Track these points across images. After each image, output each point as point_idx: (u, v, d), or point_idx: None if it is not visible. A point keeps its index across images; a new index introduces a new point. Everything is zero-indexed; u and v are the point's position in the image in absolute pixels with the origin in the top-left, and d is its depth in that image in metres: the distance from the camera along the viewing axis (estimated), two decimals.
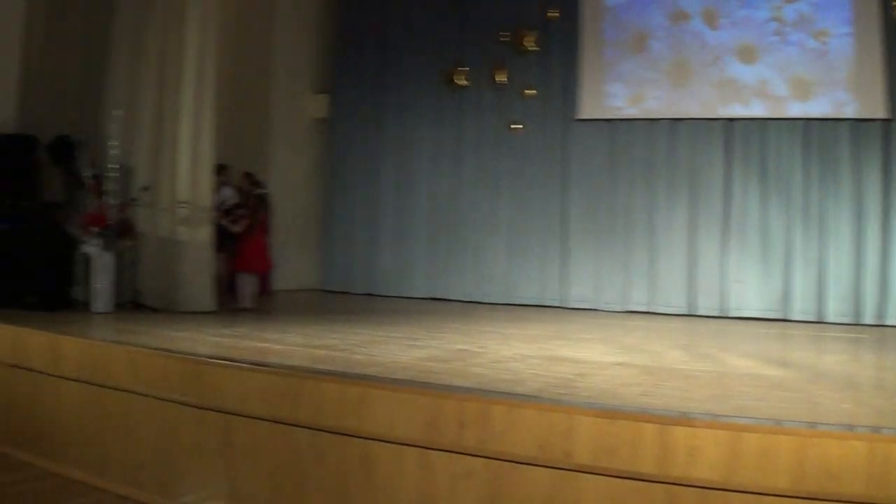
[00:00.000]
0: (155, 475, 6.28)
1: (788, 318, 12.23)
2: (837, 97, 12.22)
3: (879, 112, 11.94)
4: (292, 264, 14.82)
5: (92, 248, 9.66)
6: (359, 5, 15.76)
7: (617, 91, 13.45)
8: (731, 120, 12.79)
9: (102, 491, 6.46)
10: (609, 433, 4.51)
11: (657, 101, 13.20)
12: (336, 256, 15.63)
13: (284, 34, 15.49)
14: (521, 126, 14.07)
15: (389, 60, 15.38)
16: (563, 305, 13.68)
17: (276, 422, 5.62)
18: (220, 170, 11.81)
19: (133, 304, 10.35)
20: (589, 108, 13.65)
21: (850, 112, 12.15)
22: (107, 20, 11.25)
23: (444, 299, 14.50)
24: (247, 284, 11.46)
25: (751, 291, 12.53)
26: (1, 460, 7.12)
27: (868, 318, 11.94)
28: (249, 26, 15.25)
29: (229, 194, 11.85)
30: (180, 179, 10.32)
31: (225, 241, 11.33)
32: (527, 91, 13.87)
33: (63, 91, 11.48)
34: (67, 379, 6.94)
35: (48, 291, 9.72)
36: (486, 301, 14.15)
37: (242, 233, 11.39)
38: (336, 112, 15.83)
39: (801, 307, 12.28)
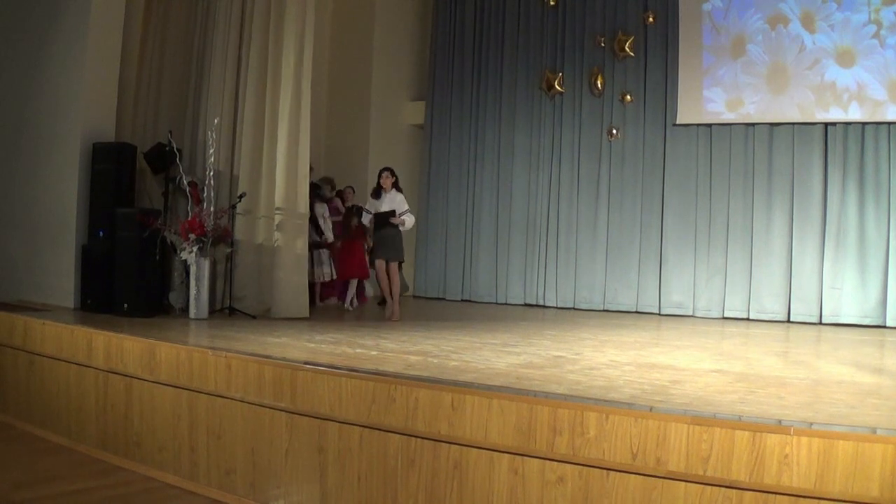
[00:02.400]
0: (246, 480, 6.40)
1: (885, 325, 11.96)
2: None
3: None
4: None
5: (189, 254, 9.74)
6: (454, 12, 15.83)
7: (715, 96, 13.33)
8: (829, 124, 12.57)
9: (194, 495, 6.58)
10: (702, 440, 4.48)
11: (755, 106, 13.08)
12: (432, 263, 15.71)
13: (382, 43, 15.71)
14: (618, 132, 13.95)
15: (485, 67, 15.51)
16: (660, 312, 13.63)
17: (369, 427, 5.65)
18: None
19: (229, 310, 10.43)
20: (687, 113, 13.56)
21: None
22: (204, 30, 11.40)
23: (541, 306, 14.46)
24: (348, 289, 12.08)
25: (847, 298, 12.28)
26: (94, 465, 7.26)
27: None
28: (348, 36, 15.45)
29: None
30: (277, 187, 10.40)
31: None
32: (625, 96, 13.81)
33: (161, 100, 11.68)
34: (162, 384, 7.05)
35: (145, 298, 9.82)
36: (583, 308, 14.13)
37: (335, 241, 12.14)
38: (432, 118, 15.92)
39: None
